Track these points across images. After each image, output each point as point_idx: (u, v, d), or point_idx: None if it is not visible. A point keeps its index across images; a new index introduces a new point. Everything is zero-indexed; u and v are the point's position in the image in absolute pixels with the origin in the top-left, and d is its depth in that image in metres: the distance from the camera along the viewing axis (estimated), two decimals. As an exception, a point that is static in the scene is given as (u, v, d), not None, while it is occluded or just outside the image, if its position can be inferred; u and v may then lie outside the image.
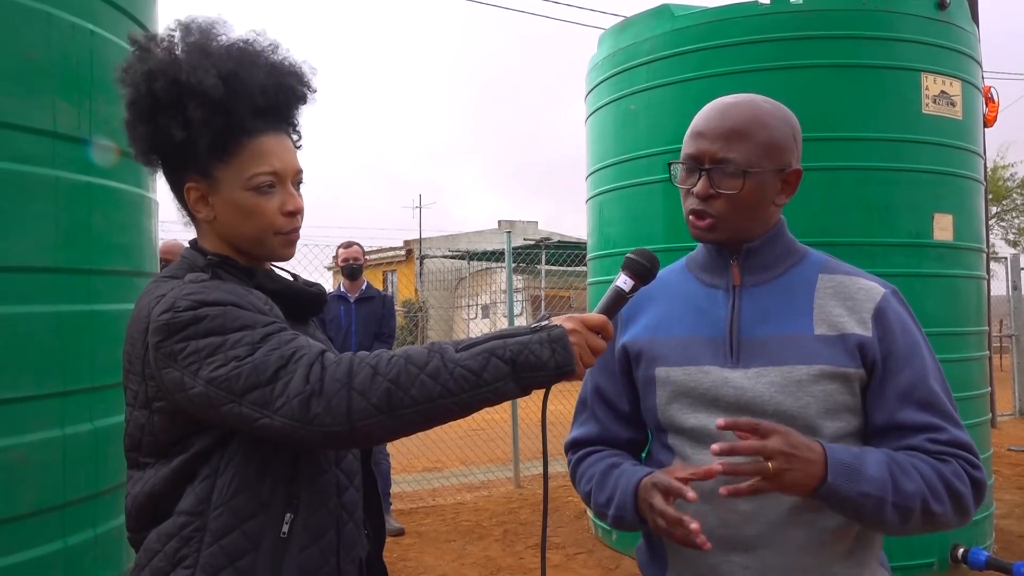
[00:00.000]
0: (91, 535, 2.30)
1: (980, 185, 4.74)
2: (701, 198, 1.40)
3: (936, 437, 1.35)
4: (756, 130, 1.38)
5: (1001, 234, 24.60)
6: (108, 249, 2.43)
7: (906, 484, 1.29)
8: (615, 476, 1.47)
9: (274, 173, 1.36)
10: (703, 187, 1.39)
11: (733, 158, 1.37)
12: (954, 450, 1.34)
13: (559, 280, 19.70)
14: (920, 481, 1.30)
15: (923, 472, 1.31)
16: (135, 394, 1.32)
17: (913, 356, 1.38)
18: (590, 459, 1.56)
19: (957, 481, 1.32)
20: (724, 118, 1.39)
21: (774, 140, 1.39)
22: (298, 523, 1.31)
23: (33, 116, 2.14)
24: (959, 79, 4.49)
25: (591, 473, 1.53)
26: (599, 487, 1.49)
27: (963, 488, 1.32)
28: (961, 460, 1.34)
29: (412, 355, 1.20)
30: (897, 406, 1.37)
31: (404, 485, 7.25)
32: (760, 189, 1.39)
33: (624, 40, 5.02)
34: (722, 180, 1.38)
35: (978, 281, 4.69)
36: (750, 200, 1.39)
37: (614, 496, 1.44)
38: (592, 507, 1.52)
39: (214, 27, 1.37)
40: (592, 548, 5.19)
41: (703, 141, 1.40)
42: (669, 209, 4.64)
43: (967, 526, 4.35)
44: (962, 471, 1.33)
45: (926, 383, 1.37)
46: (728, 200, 1.38)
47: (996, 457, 5.76)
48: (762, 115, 1.39)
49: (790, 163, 1.42)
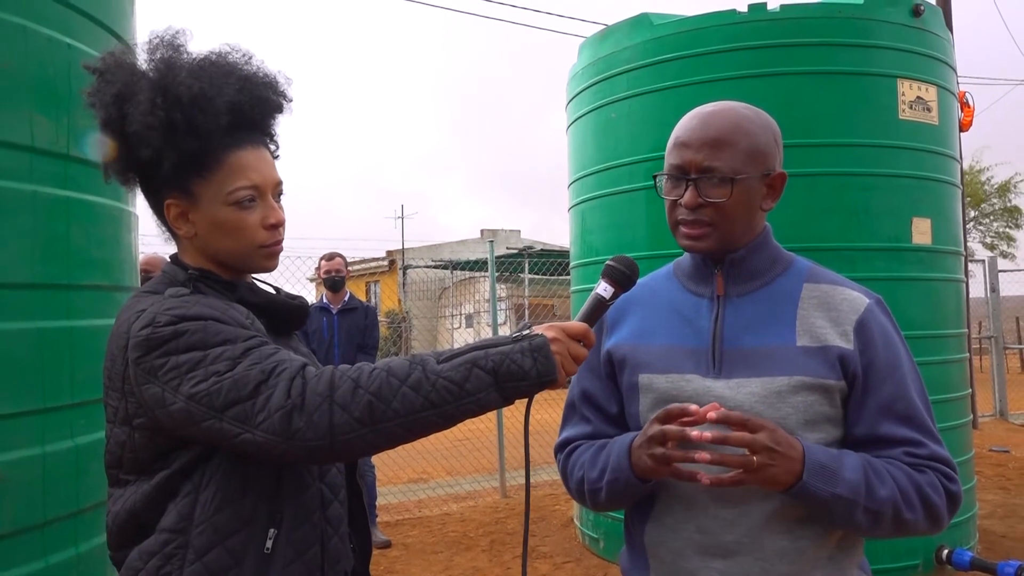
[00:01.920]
0: (73, 554, 2.27)
1: (957, 189, 4.80)
2: (690, 208, 1.40)
3: (915, 451, 1.37)
4: (739, 137, 1.39)
5: (979, 237, 24.91)
6: (87, 264, 2.41)
7: (880, 490, 1.31)
8: (607, 449, 1.47)
9: (254, 187, 1.35)
10: (691, 197, 1.40)
11: (718, 166, 1.38)
12: (932, 463, 1.37)
13: (542, 289, 19.73)
14: (894, 488, 1.32)
15: (898, 480, 1.33)
16: (115, 410, 1.31)
17: (894, 369, 1.39)
18: (580, 449, 1.56)
19: (931, 491, 1.34)
20: (707, 127, 1.40)
21: (757, 146, 1.40)
22: (282, 538, 1.30)
23: (10, 130, 2.12)
24: (934, 85, 4.55)
25: (583, 460, 1.52)
26: (591, 464, 1.48)
27: (937, 499, 1.35)
28: (938, 472, 1.36)
29: (394, 368, 1.20)
30: (877, 419, 1.38)
31: (390, 497, 7.22)
32: (747, 195, 1.40)
33: (604, 49, 5.04)
34: (709, 189, 1.38)
35: (957, 284, 4.74)
36: (738, 207, 1.39)
37: (607, 464, 1.44)
38: (585, 489, 1.50)
39: (182, 43, 1.36)
40: (579, 557, 5.18)
41: (687, 151, 1.40)
42: (651, 216, 4.66)
43: (951, 527, 4.38)
44: (938, 482, 1.36)
45: (907, 397, 1.39)
46: (717, 208, 1.39)
47: (978, 458, 5.80)
48: (743, 122, 1.40)
49: (774, 167, 1.43)
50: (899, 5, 4.46)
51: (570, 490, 1.59)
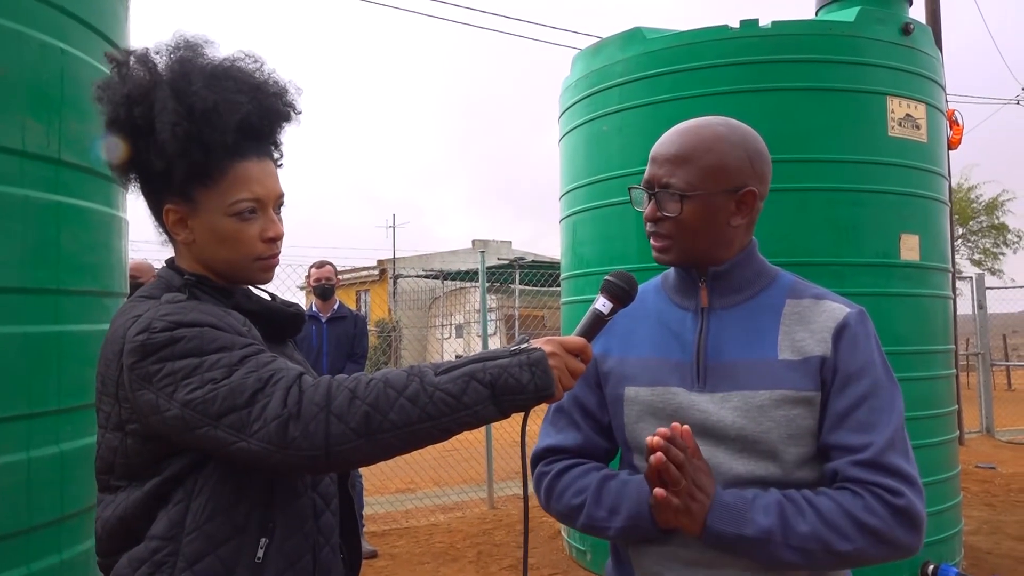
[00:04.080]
0: (57, 560, 2.25)
1: (945, 206, 4.83)
2: (649, 221, 1.47)
3: (858, 459, 1.32)
4: (700, 155, 1.41)
5: (967, 254, 25.09)
6: (77, 269, 2.39)
7: (799, 526, 1.29)
8: (615, 487, 1.44)
9: (256, 199, 1.35)
10: (650, 210, 1.47)
11: (674, 182, 1.42)
12: (871, 476, 1.30)
13: (533, 300, 19.73)
14: (816, 520, 1.29)
15: (822, 511, 1.29)
16: (108, 416, 1.30)
17: (861, 376, 1.36)
18: (573, 472, 1.52)
19: (868, 516, 1.28)
20: (671, 144, 1.45)
21: (721, 163, 1.41)
22: (273, 547, 1.30)
23: (1, 134, 2.11)
24: (924, 102, 4.59)
25: (580, 486, 1.48)
26: (595, 501, 1.45)
27: (876, 521, 1.28)
28: (877, 488, 1.29)
29: (391, 379, 1.19)
30: (835, 425, 1.36)
31: (377, 507, 7.18)
32: (704, 211, 1.42)
33: (597, 62, 5.07)
34: (666, 203, 1.43)
35: (944, 300, 4.77)
36: (694, 222, 1.42)
37: (620, 507, 1.41)
38: (582, 522, 1.47)
39: (197, 49, 1.35)
40: (567, 569, 5.17)
41: (654, 166, 1.47)
42: (642, 229, 4.62)
43: (936, 543, 4.40)
44: (876, 503, 1.29)
45: (869, 406, 1.35)
46: (673, 222, 1.43)
47: (964, 474, 5.83)
48: (711, 139, 1.42)
49: (744, 183, 1.43)
50: (889, 23, 4.51)
51: (550, 509, 1.54)
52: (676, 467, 1.28)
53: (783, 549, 1.29)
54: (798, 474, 1.38)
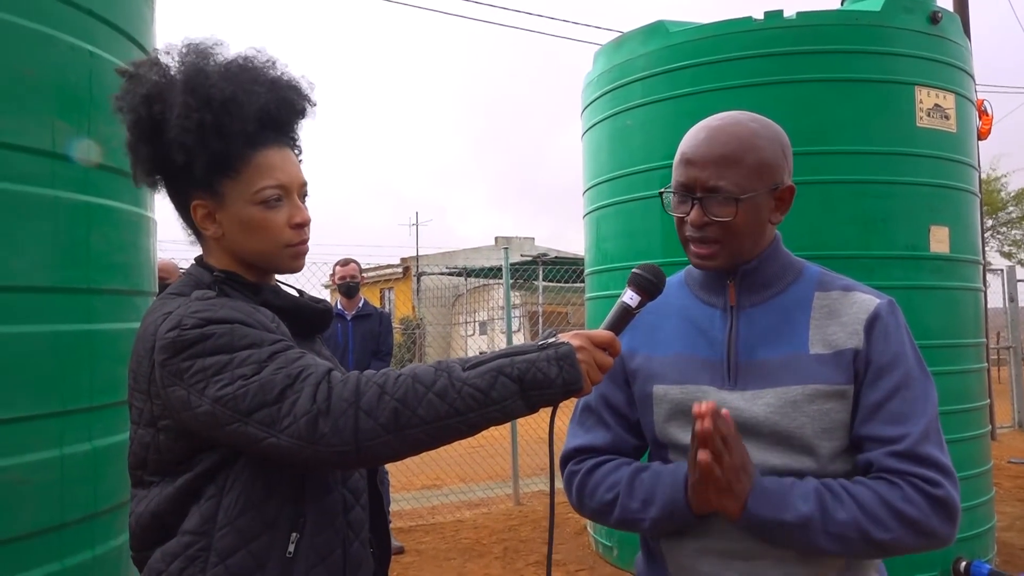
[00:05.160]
0: (90, 556, 2.28)
1: (975, 197, 4.76)
2: (696, 227, 1.40)
3: (894, 449, 1.31)
4: (745, 154, 1.37)
5: (996, 246, 24.68)
6: (106, 268, 2.43)
7: (838, 513, 1.28)
8: (648, 478, 1.43)
9: (280, 186, 1.36)
10: (697, 216, 1.39)
11: (723, 186, 1.36)
12: (908, 466, 1.29)
13: (556, 296, 19.71)
14: (855, 510, 1.28)
15: (861, 500, 1.28)
16: (140, 412, 1.31)
17: (894, 367, 1.35)
18: (604, 468, 1.50)
19: (907, 506, 1.27)
20: (712, 144, 1.38)
21: (764, 161, 1.38)
22: (304, 542, 1.30)
23: (32, 136, 2.15)
24: (953, 92, 4.52)
25: (612, 481, 1.46)
26: (628, 494, 1.43)
27: (914, 512, 1.27)
28: (914, 479, 1.28)
29: (419, 374, 1.20)
30: (869, 417, 1.34)
31: (403, 503, 7.22)
32: (754, 212, 1.38)
33: (619, 57, 5.05)
34: (715, 208, 1.37)
35: (975, 293, 4.70)
36: (746, 224, 1.38)
37: (654, 496, 1.39)
38: (615, 515, 1.44)
39: (211, 48, 1.37)
40: (593, 565, 5.16)
41: (693, 169, 1.39)
42: (666, 224, 4.64)
43: (969, 539, 4.34)
44: (915, 493, 1.28)
45: (902, 396, 1.34)
46: (723, 227, 1.38)
47: (996, 469, 5.74)
48: (750, 137, 1.38)
49: (782, 180, 1.41)
50: (917, 12, 4.44)
51: (583, 508, 1.52)
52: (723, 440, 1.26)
53: (821, 536, 1.28)
54: (832, 467, 1.37)
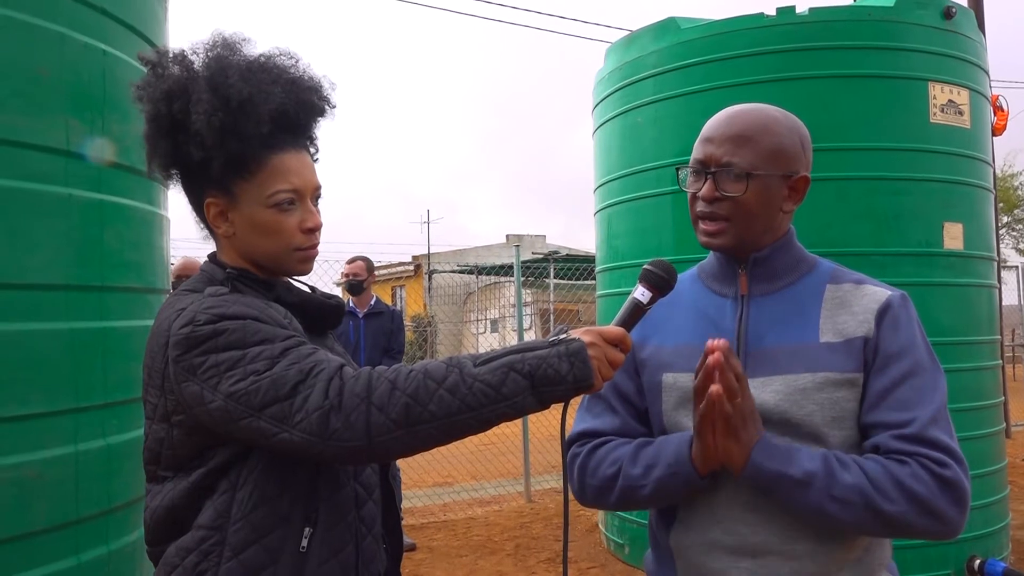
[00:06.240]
0: (104, 551, 2.30)
1: (990, 193, 4.73)
2: (707, 201, 1.42)
3: (901, 432, 1.30)
4: (761, 135, 1.40)
5: (1012, 243, 24.49)
6: (120, 266, 2.44)
7: (843, 476, 1.27)
8: (653, 447, 1.42)
9: (294, 190, 1.37)
10: (708, 189, 1.42)
11: (737, 162, 1.39)
12: (916, 448, 1.28)
13: (568, 293, 19.69)
14: (861, 476, 1.27)
15: (867, 468, 1.28)
16: (154, 407, 1.32)
17: (903, 356, 1.35)
18: (607, 446, 1.49)
19: (914, 482, 1.26)
20: (731, 124, 1.42)
21: (780, 146, 1.41)
22: (317, 537, 1.31)
23: (46, 134, 2.16)
24: (966, 88, 4.49)
25: (615, 456, 1.45)
26: (631, 461, 1.42)
27: (922, 489, 1.25)
28: (922, 458, 1.27)
29: (431, 370, 1.20)
30: (875, 404, 1.34)
31: (415, 500, 7.23)
32: (765, 193, 1.40)
33: (630, 53, 5.04)
34: (726, 183, 1.40)
35: (989, 290, 4.67)
36: (754, 204, 1.40)
37: (657, 461, 1.38)
38: (617, 488, 1.43)
39: (234, 46, 1.38)
40: (604, 562, 5.16)
41: (710, 146, 1.43)
42: (677, 221, 4.64)
43: (983, 537, 4.31)
44: (922, 471, 1.26)
45: (908, 383, 1.33)
46: (733, 203, 1.40)
47: (1011, 467, 5.70)
48: (769, 121, 1.42)
49: (797, 170, 1.43)
50: (930, 7, 4.41)
51: (584, 488, 1.50)
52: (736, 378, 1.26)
53: (824, 498, 1.27)
54: None
